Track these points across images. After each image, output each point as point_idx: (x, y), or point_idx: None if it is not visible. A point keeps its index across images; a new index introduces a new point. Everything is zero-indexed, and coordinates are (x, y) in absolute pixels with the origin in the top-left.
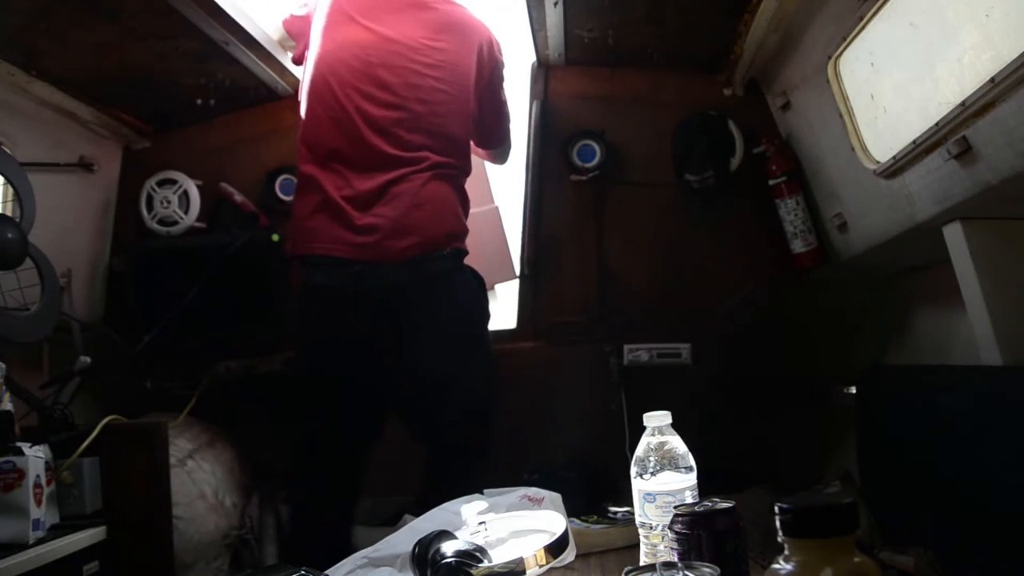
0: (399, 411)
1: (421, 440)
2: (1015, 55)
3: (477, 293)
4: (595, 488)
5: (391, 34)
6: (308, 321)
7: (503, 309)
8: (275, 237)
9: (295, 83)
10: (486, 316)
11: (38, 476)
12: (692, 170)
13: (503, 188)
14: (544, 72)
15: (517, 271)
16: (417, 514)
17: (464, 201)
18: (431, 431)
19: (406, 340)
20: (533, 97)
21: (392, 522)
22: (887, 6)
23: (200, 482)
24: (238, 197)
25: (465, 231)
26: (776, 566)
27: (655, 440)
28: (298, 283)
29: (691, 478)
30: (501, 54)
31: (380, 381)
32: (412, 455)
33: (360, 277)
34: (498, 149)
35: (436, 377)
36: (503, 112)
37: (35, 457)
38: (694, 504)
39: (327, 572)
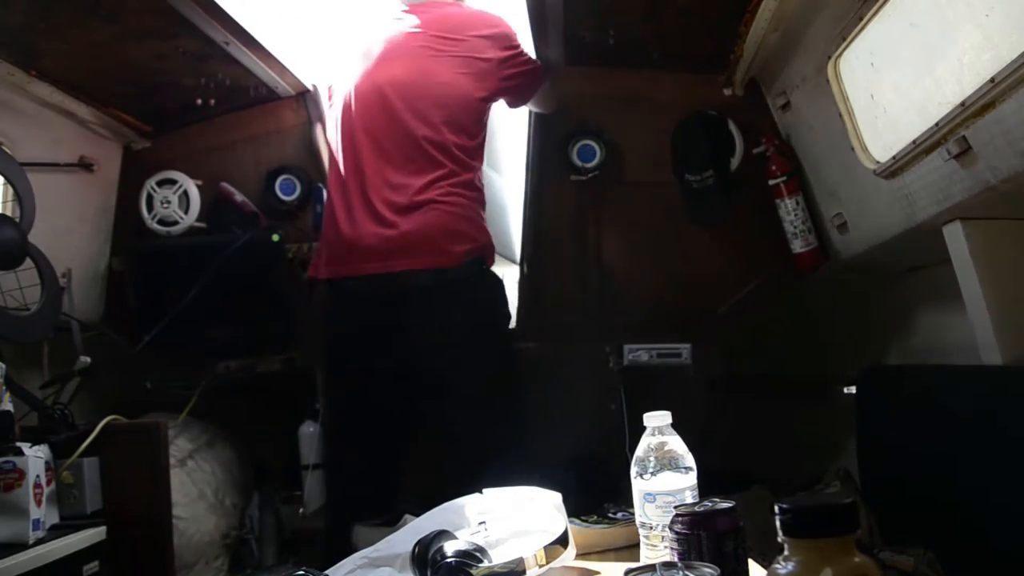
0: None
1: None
2: (1015, 55)
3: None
4: (595, 488)
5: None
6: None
7: None
8: (275, 237)
9: (295, 83)
10: (489, 324)
11: (38, 476)
12: (692, 170)
13: (503, 188)
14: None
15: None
16: (417, 514)
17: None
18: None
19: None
20: None
21: (392, 522)
22: (887, 6)
23: (200, 482)
24: (238, 197)
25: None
26: (776, 566)
27: (655, 440)
28: None
29: (691, 478)
30: (504, 40)
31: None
32: (414, 456)
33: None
34: (540, 93)
35: (434, 379)
36: (528, 78)
37: (35, 457)
38: (694, 504)
39: (327, 572)
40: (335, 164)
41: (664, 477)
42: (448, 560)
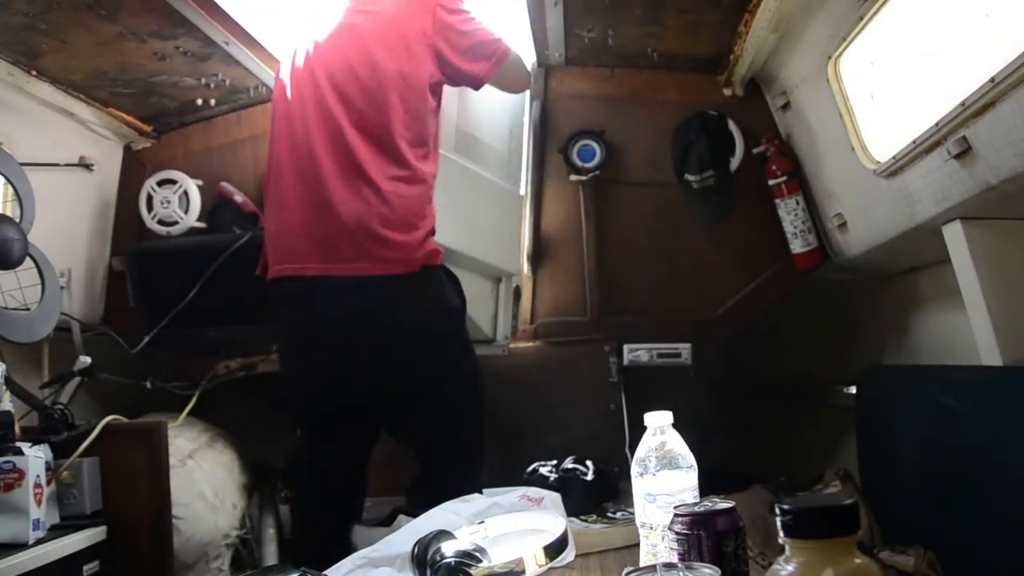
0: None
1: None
2: (1015, 55)
3: (431, 305)
4: (595, 488)
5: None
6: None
7: None
8: None
9: None
10: (444, 329)
11: (38, 476)
12: (692, 170)
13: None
14: (544, 72)
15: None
16: (411, 515)
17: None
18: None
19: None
20: (533, 97)
21: (387, 523)
22: (887, 6)
23: (200, 482)
24: (238, 197)
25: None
26: (777, 567)
27: (656, 440)
28: None
29: (691, 478)
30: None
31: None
32: (407, 456)
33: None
34: (500, 74)
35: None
36: (472, 44)
37: (35, 457)
38: (694, 504)
39: (327, 572)
40: (283, 134)
41: (664, 477)
42: (448, 560)
